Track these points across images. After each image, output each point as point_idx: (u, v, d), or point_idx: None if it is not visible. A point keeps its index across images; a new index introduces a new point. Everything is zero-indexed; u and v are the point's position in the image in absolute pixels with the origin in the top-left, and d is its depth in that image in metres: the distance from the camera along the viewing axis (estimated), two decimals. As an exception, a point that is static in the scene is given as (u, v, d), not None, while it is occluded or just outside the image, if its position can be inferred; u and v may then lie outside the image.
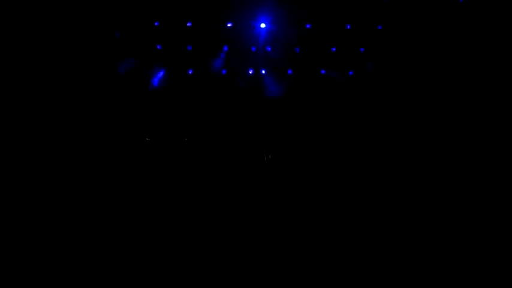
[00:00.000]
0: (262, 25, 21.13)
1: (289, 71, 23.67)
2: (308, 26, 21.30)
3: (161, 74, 23.10)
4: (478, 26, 19.96)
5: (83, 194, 13.27)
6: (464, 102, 21.64)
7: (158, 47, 22.30)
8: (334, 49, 22.68)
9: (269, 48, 22.61)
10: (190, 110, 23.26)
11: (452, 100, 21.83)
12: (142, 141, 22.58)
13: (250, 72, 23.58)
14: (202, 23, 21.36)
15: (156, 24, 21.11)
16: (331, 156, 22.76)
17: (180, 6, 20.32)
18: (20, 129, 18.81)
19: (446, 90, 21.62)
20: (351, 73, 23.26)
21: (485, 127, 21.36)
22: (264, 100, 23.65)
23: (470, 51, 20.70)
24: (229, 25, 21.30)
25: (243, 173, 22.14)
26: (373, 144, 23.44)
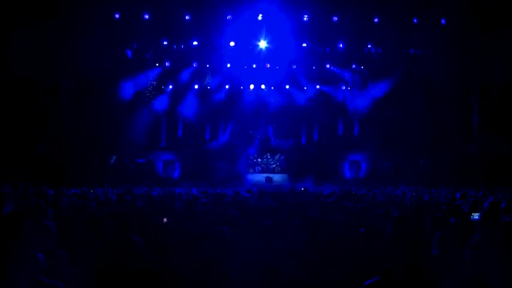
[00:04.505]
0: (262, 44, 22.16)
1: (287, 86, 25.32)
2: (305, 44, 22.67)
3: (169, 88, 24.56)
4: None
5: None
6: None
7: (167, 63, 24.04)
8: (328, 64, 24.35)
9: (268, 65, 23.95)
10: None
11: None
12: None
13: (251, 87, 25.05)
14: (207, 42, 22.64)
15: (164, 43, 22.71)
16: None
17: (186, 26, 21.35)
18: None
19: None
20: (343, 87, 24.79)
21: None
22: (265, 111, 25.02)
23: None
24: (232, 44, 22.39)
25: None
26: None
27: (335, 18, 21.17)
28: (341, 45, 22.92)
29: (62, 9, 18.79)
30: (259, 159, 25.32)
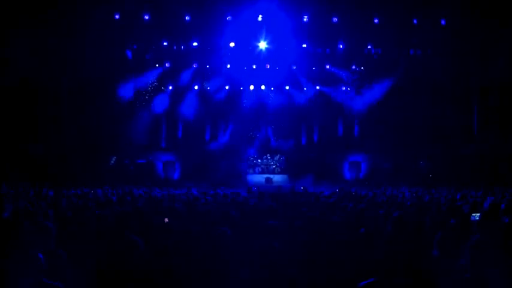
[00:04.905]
0: (262, 45, 22.15)
1: (287, 86, 25.36)
2: (305, 45, 22.69)
3: (169, 89, 24.56)
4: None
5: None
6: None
7: (168, 64, 24.08)
8: (328, 65, 24.38)
9: (268, 66, 23.93)
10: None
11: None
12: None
13: (251, 88, 25.05)
14: (207, 42, 22.65)
15: (164, 44, 22.74)
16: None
17: (186, 27, 21.35)
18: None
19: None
20: (343, 87, 24.81)
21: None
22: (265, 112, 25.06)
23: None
24: (232, 44, 22.39)
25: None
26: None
27: (335, 19, 21.10)
28: (341, 46, 22.91)
29: (62, 9, 18.78)
30: (259, 160, 25.28)
